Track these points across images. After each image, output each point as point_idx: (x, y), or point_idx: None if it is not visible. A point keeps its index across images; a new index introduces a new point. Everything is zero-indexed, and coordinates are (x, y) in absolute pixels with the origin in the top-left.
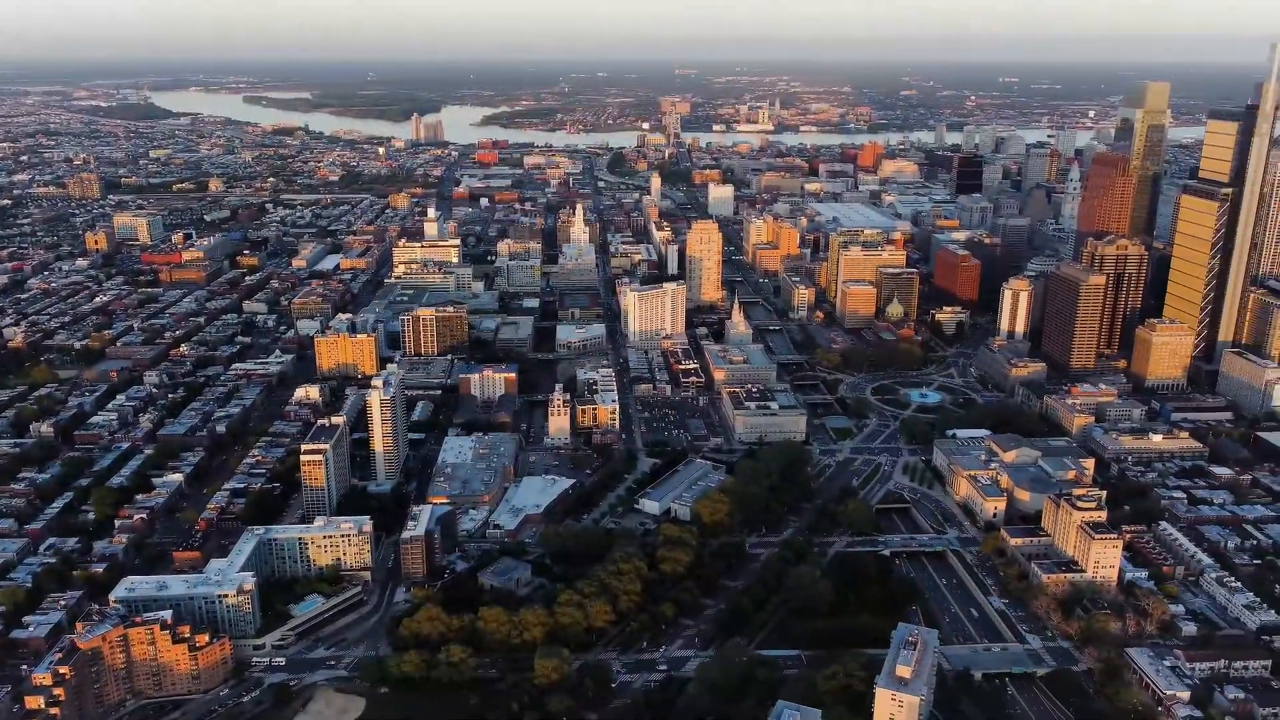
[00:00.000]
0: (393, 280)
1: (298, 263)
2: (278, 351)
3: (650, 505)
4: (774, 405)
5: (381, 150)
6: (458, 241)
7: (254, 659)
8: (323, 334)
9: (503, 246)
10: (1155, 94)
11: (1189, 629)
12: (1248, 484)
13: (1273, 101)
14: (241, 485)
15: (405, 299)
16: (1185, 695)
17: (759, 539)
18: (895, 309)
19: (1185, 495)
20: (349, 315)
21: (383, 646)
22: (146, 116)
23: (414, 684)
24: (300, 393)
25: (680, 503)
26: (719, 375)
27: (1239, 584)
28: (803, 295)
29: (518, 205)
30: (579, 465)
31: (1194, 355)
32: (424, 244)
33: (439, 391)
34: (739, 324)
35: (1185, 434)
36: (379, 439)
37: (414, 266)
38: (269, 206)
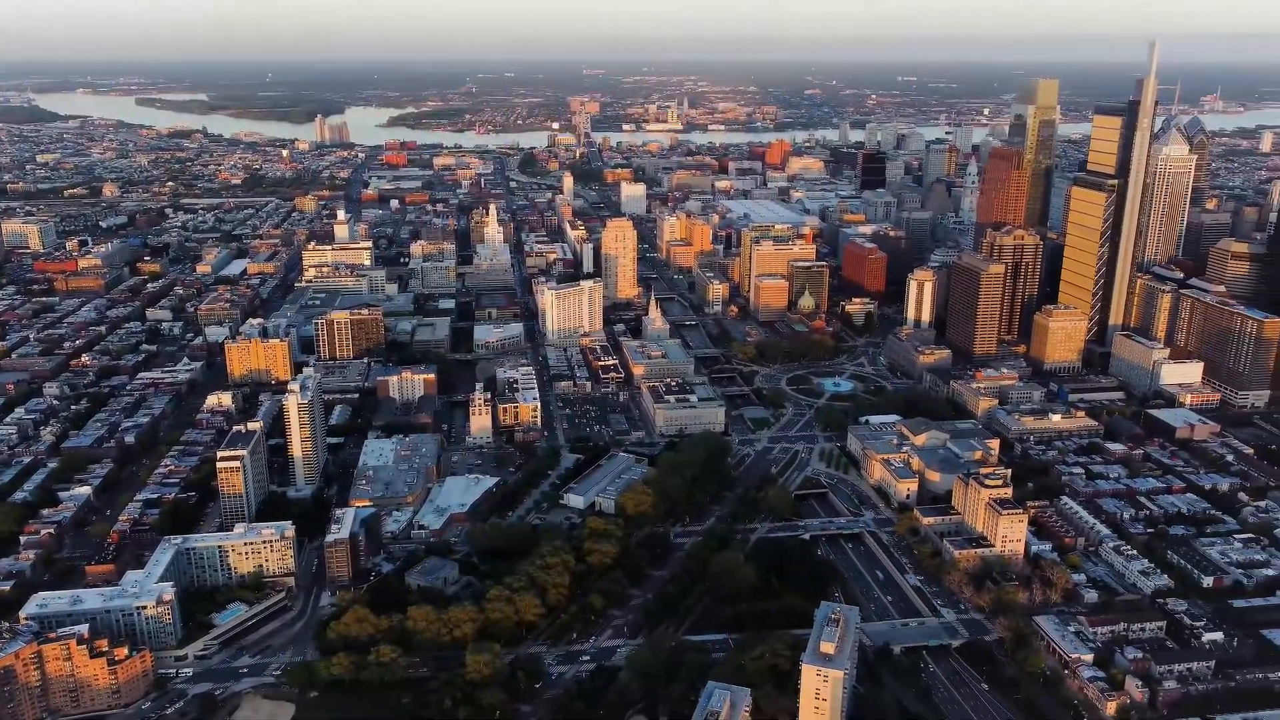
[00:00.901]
0: (303, 284)
1: (202, 268)
2: (186, 359)
3: (575, 500)
4: (693, 398)
5: (285, 152)
6: (369, 244)
7: (176, 670)
8: (233, 340)
9: (416, 248)
10: (1045, 91)
11: (1090, 596)
12: (1140, 459)
13: (1152, 97)
14: (155, 495)
15: (317, 303)
16: (1089, 657)
17: (683, 528)
18: (807, 302)
19: (1083, 471)
20: (260, 320)
21: (310, 651)
22: (31, 119)
23: (344, 686)
24: (212, 400)
25: (605, 496)
26: (638, 370)
27: (1134, 552)
28: (717, 290)
29: (429, 206)
30: (502, 463)
31: (1087, 339)
32: (334, 247)
33: (356, 395)
34: (656, 320)
35: (1082, 413)
36: (297, 443)
37: (325, 270)
38: (169, 211)
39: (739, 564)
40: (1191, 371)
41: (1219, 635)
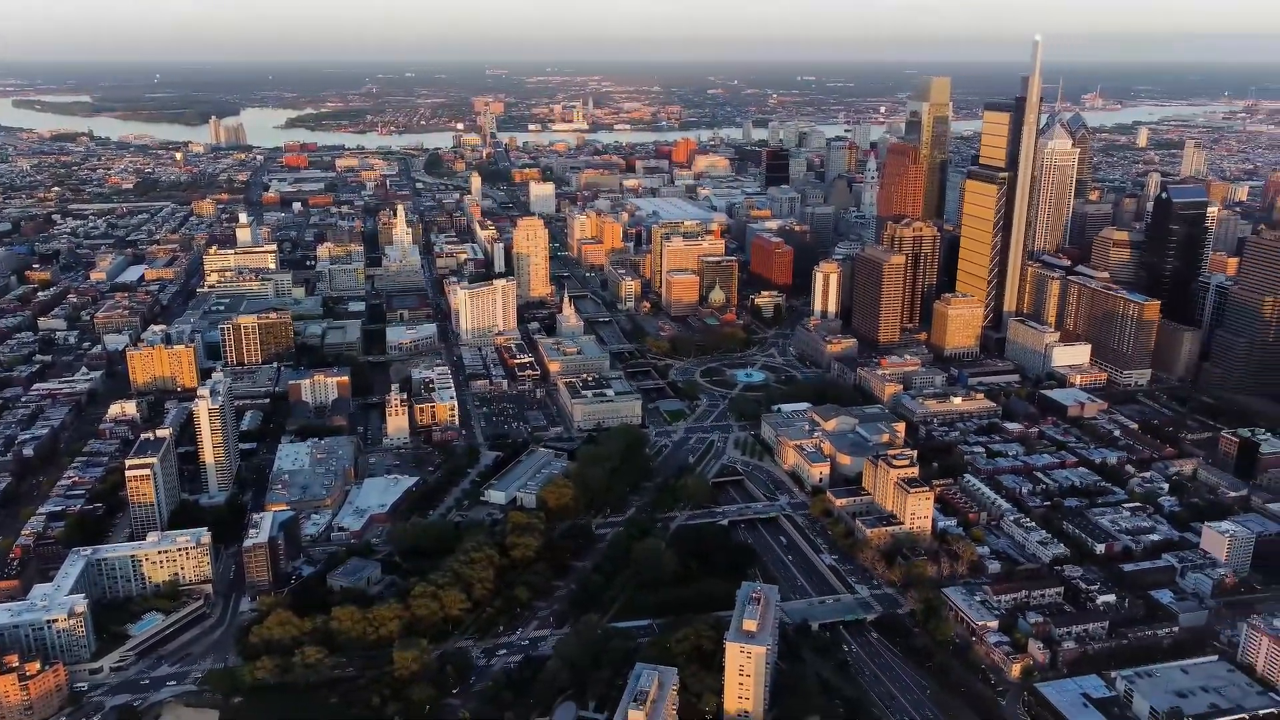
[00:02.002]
0: (206, 289)
1: (96, 275)
2: (84, 369)
3: (496, 496)
4: (609, 392)
5: (179, 155)
6: (274, 247)
7: (91, 683)
8: (134, 348)
9: (322, 250)
10: (938, 89)
11: (994, 567)
12: (1035, 436)
13: (1037, 94)
14: (59, 508)
15: (222, 308)
16: (994, 624)
17: (604, 520)
18: (717, 296)
19: (984, 450)
20: (162, 327)
21: (232, 657)
22: None
23: (269, 690)
24: (115, 409)
25: (526, 491)
26: (554, 367)
27: (1033, 524)
28: (629, 287)
29: (334, 209)
30: (421, 463)
31: (984, 325)
32: (237, 251)
33: (267, 400)
34: (570, 317)
35: (980, 396)
36: (209, 450)
37: (228, 274)
38: (56, 217)
39: (660, 551)
40: (1080, 353)
41: (1111, 597)
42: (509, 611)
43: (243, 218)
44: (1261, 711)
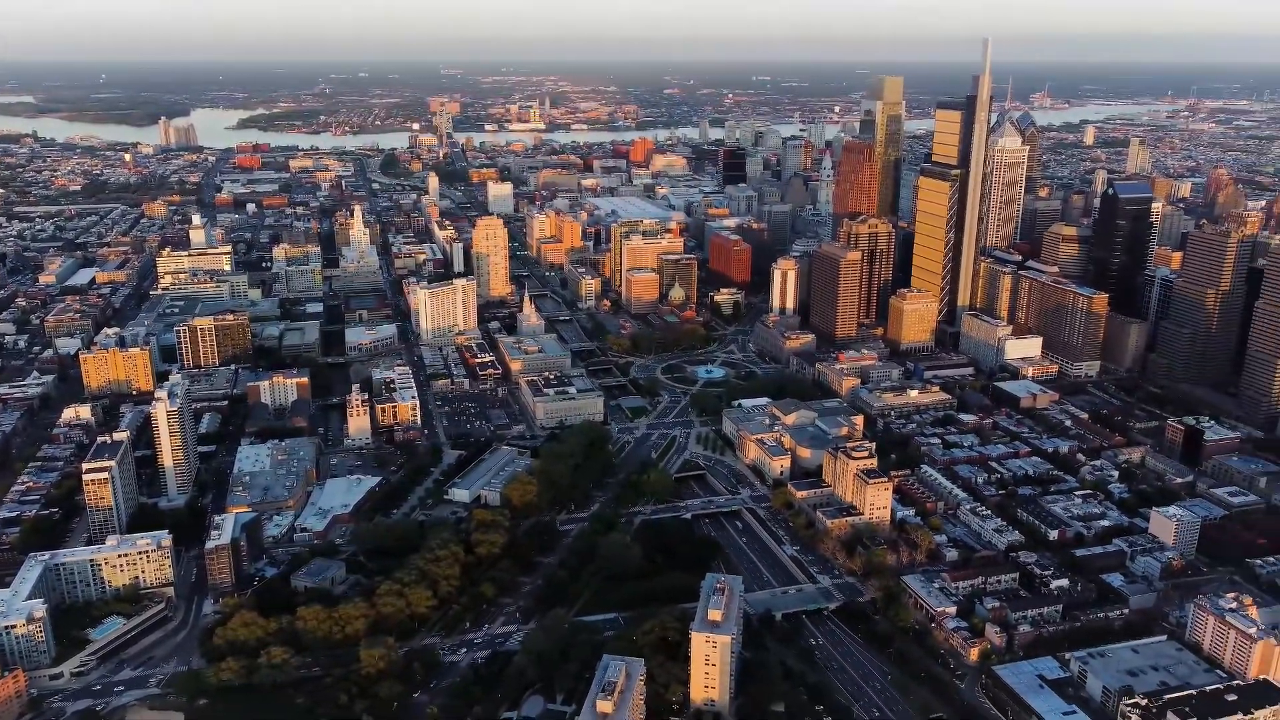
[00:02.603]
0: (160, 292)
1: (45, 278)
2: (36, 373)
3: (460, 494)
4: (572, 390)
5: (128, 156)
6: (228, 249)
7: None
8: (88, 351)
9: (279, 251)
10: (891, 87)
11: (951, 554)
12: (989, 427)
13: (987, 93)
14: (14, 514)
15: (177, 310)
16: (952, 610)
17: (568, 516)
18: (677, 293)
19: (940, 441)
20: (116, 330)
21: (196, 660)
22: None
23: (234, 692)
24: (69, 413)
25: (490, 489)
26: (515, 366)
27: (988, 512)
28: (589, 285)
29: (289, 209)
30: (383, 463)
31: (939, 319)
32: (191, 253)
33: (225, 402)
34: (531, 316)
35: (936, 389)
36: (168, 452)
37: (182, 276)
38: (2, 220)
39: (625, 546)
40: (1032, 346)
41: (1065, 582)
42: (475, 608)
43: (196, 219)
44: (1208, 687)
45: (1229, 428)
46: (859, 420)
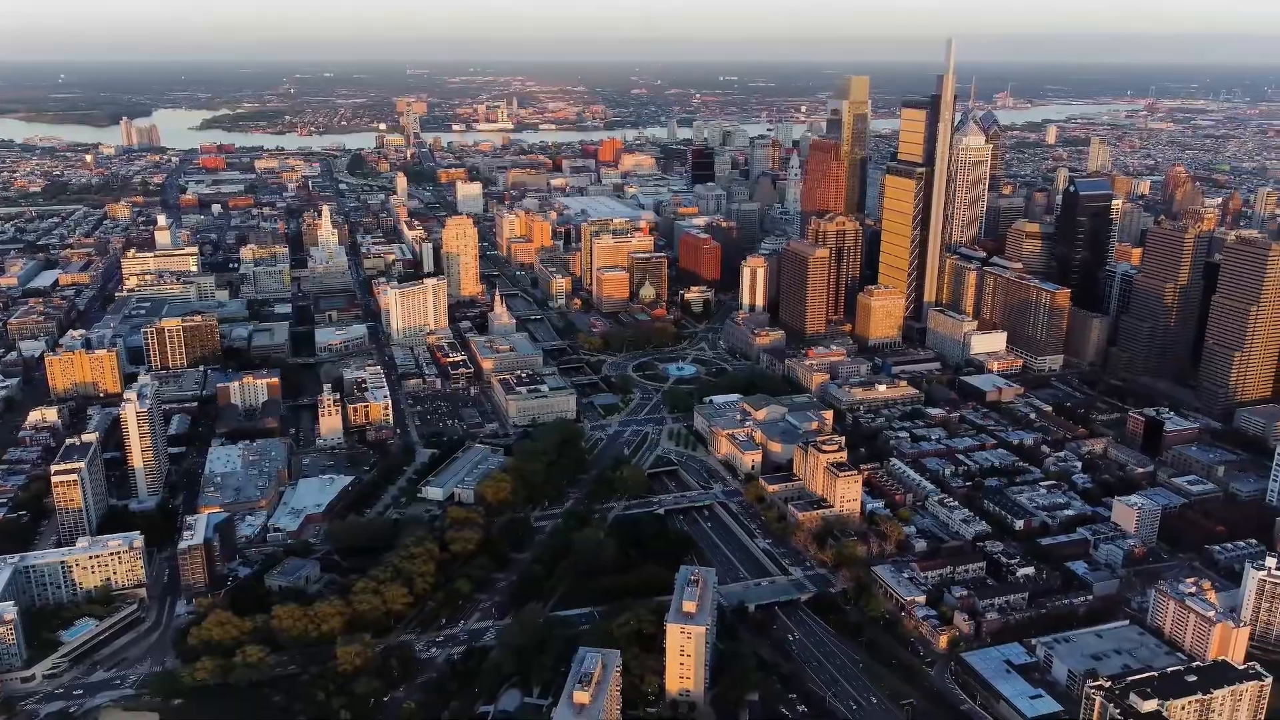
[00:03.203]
0: (125, 293)
1: (7, 280)
2: (0, 375)
3: (434, 492)
4: (544, 388)
5: (89, 157)
6: (195, 250)
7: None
8: (53, 353)
9: (246, 252)
10: (858, 87)
11: (920, 545)
12: (956, 421)
13: (951, 92)
14: None
15: (143, 312)
16: (921, 598)
17: (542, 512)
18: (648, 291)
19: (908, 435)
20: (82, 332)
21: (170, 660)
22: None
23: (210, 692)
24: (35, 416)
25: (463, 487)
26: (487, 365)
27: (956, 504)
28: (560, 284)
29: (255, 210)
30: (356, 463)
31: (905, 315)
32: (157, 254)
33: (195, 403)
34: (502, 315)
35: (904, 383)
36: (138, 454)
37: (148, 278)
38: None
39: (600, 541)
40: (997, 341)
41: (1030, 570)
42: (451, 604)
43: (161, 220)
44: (1169, 669)
45: (1188, 419)
46: (828, 415)
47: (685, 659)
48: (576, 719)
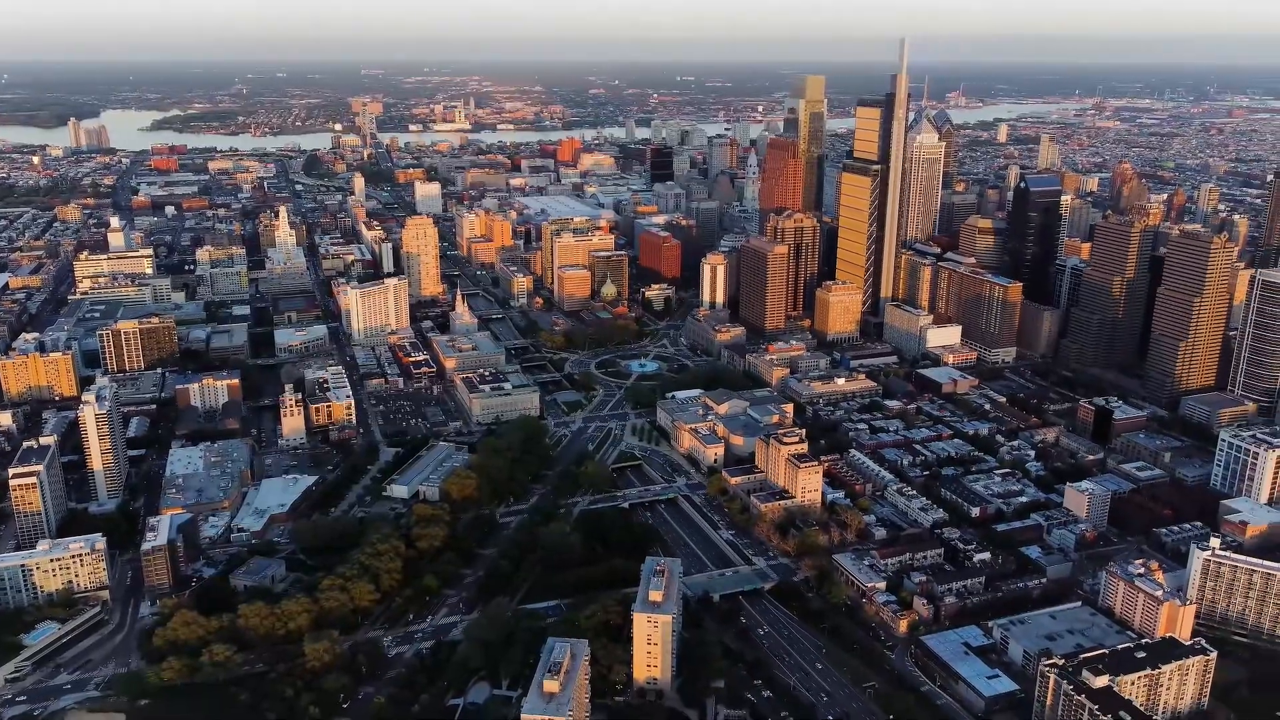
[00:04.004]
0: (78, 296)
1: None
2: None
3: (399, 490)
4: (507, 386)
5: (36, 159)
6: (149, 252)
7: None
8: (6, 357)
9: (202, 254)
10: (813, 86)
11: (880, 533)
12: (913, 412)
13: (905, 91)
14: None
15: (97, 315)
16: (882, 585)
17: (508, 509)
18: (609, 290)
19: (867, 426)
20: (35, 335)
21: (135, 661)
22: None
23: (177, 692)
24: None
25: (428, 484)
26: (450, 364)
27: (914, 492)
28: (521, 283)
29: (210, 212)
30: (319, 462)
31: (863, 310)
32: (110, 256)
33: (153, 406)
34: (464, 314)
35: (862, 377)
36: (97, 456)
37: (102, 280)
38: None
39: (565, 535)
40: (952, 334)
41: (987, 555)
42: (418, 600)
43: (114, 222)
44: (1119, 646)
45: (1136, 407)
46: (789, 408)
47: (652, 647)
48: (546, 707)
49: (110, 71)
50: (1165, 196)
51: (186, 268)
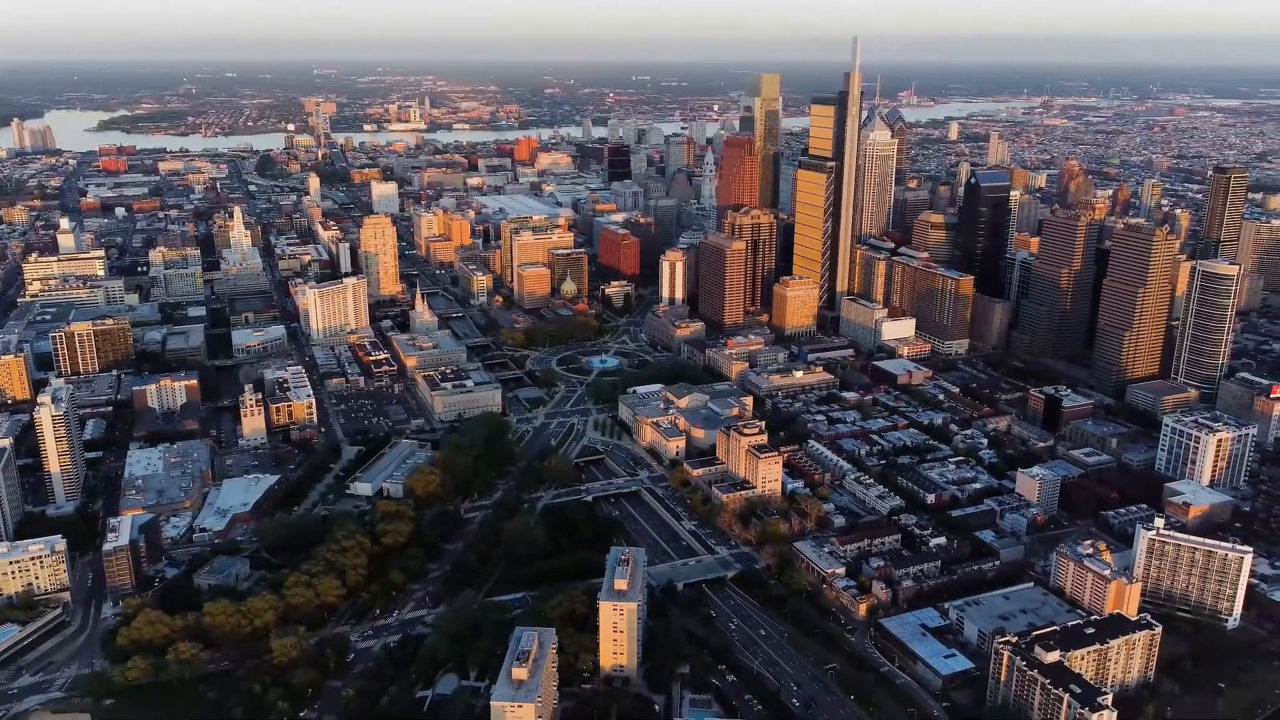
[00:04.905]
0: (28, 299)
1: None
2: None
3: (363, 487)
4: (469, 383)
5: None
6: (101, 253)
7: None
8: None
9: (156, 255)
10: (768, 84)
11: (839, 521)
12: (870, 404)
13: (858, 88)
14: None
15: (49, 317)
16: (841, 570)
17: (472, 504)
18: (569, 287)
19: (825, 418)
20: None
21: (99, 662)
22: None
23: (142, 691)
24: None
25: (392, 481)
26: (411, 362)
27: (871, 481)
28: (481, 282)
29: (162, 213)
30: (281, 462)
31: (820, 305)
32: (60, 258)
33: (109, 408)
34: (424, 313)
35: (820, 369)
36: (54, 458)
37: (52, 283)
38: None
39: (529, 528)
40: (906, 327)
41: (942, 540)
42: (385, 595)
43: (64, 223)
44: (1070, 624)
45: (1084, 396)
46: (749, 401)
47: (618, 635)
48: (516, 694)
49: (53, 72)
50: (1110, 192)
51: (139, 269)
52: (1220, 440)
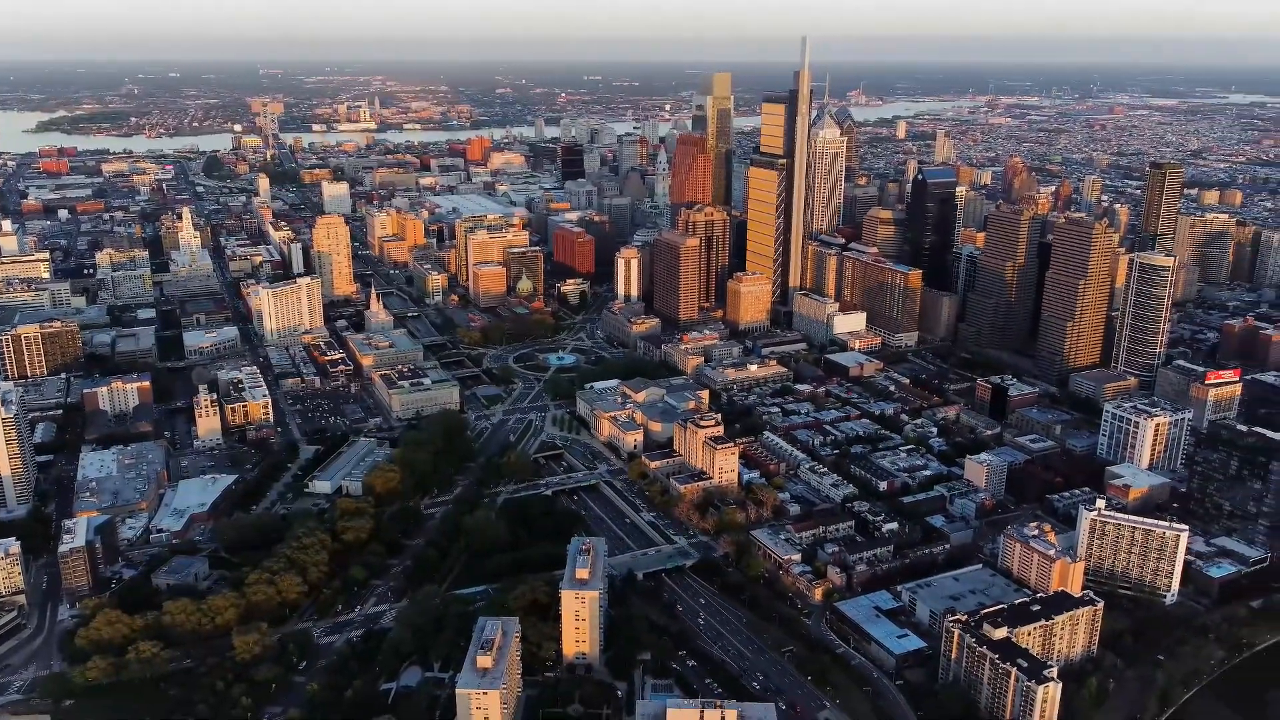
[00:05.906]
0: None
1: None
2: None
3: (322, 485)
4: (427, 381)
5: None
6: (45, 256)
7: None
8: None
9: (103, 257)
10: (720, 83)
11: (794, 509)
12: (823, 395)
13: (808, 87)
14: None
15: None
16: (797, 557)
17: (432, 500)
18: (525, 285)
19: (779, 410)
20: None
21: (57, 663)
22: None
23: (103, 691)
24: None
25: (351, 479)
26: (367, 361)
27: (825, 470)
28: (436, 281)
29: (107, 214)
30: (238, 462)
31: (773, 300)
32: (3, 261)
33: (60, 411)
34: (379, 313)
35: (774, 363)
36: (5, 461)
37: None
38: None
39: (490, 522)
40: (857, 321)
41: (895, 525)
42: (347, 591)
43: (5, 226)
44: (1016, 602)
45: (1029, 385)
46: (704, 395)
47: (580, 623)
48: (480, 681)
49: None
50: (1053, 188)
51: (85, 272)
52: (1158, 425)
